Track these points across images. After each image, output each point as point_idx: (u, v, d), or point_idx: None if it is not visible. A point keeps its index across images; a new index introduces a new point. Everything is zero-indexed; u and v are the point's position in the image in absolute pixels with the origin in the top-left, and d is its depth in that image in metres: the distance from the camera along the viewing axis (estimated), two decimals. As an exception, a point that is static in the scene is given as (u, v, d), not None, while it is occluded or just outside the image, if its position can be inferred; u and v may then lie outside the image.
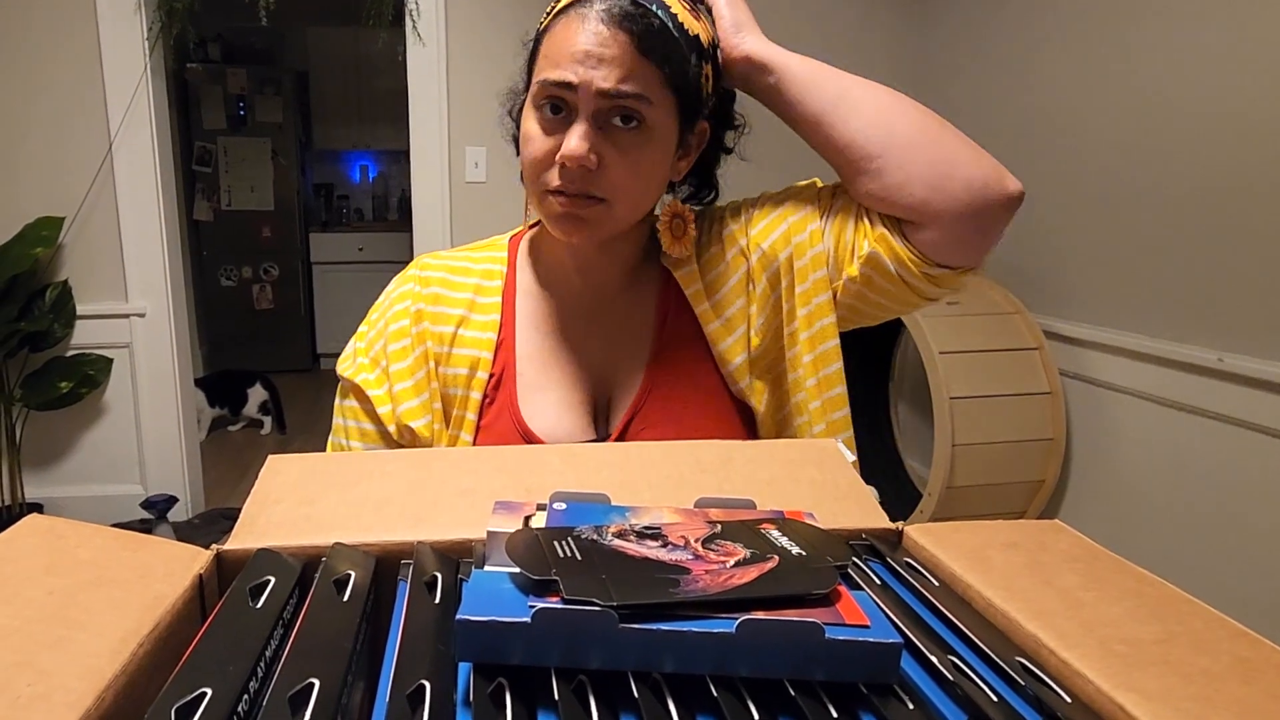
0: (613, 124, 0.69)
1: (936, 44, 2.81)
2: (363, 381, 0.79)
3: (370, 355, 0.80)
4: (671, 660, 0.31)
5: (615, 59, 0.67)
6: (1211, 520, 1.81)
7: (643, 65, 0.67)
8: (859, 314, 0.79)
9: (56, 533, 0.38)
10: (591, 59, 0.66)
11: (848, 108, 0.73)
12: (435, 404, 0.78)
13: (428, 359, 0.79)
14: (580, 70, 0.67)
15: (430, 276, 0.82)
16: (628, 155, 0.69)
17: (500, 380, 0.78)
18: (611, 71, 0.66)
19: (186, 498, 2.84)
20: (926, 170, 0.70)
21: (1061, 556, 0.41)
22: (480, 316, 0.80)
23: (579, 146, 0.67)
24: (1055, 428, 2.19)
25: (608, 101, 0.67)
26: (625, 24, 0.66)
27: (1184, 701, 0.29)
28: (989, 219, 0.70)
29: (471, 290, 0.81)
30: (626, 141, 0.69)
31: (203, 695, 0.27)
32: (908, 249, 0.72)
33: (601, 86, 0.66)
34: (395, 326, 0.80)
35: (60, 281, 2.61)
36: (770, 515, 0.43)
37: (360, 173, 5.53)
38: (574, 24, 0.68)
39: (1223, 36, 1.75)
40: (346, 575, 0.37)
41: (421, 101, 2.67)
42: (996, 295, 2.35)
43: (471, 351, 0.78)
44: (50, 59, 2.51)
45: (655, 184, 0.74)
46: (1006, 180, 0.70)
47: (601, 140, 0.69)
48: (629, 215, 0.74)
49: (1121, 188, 2.03)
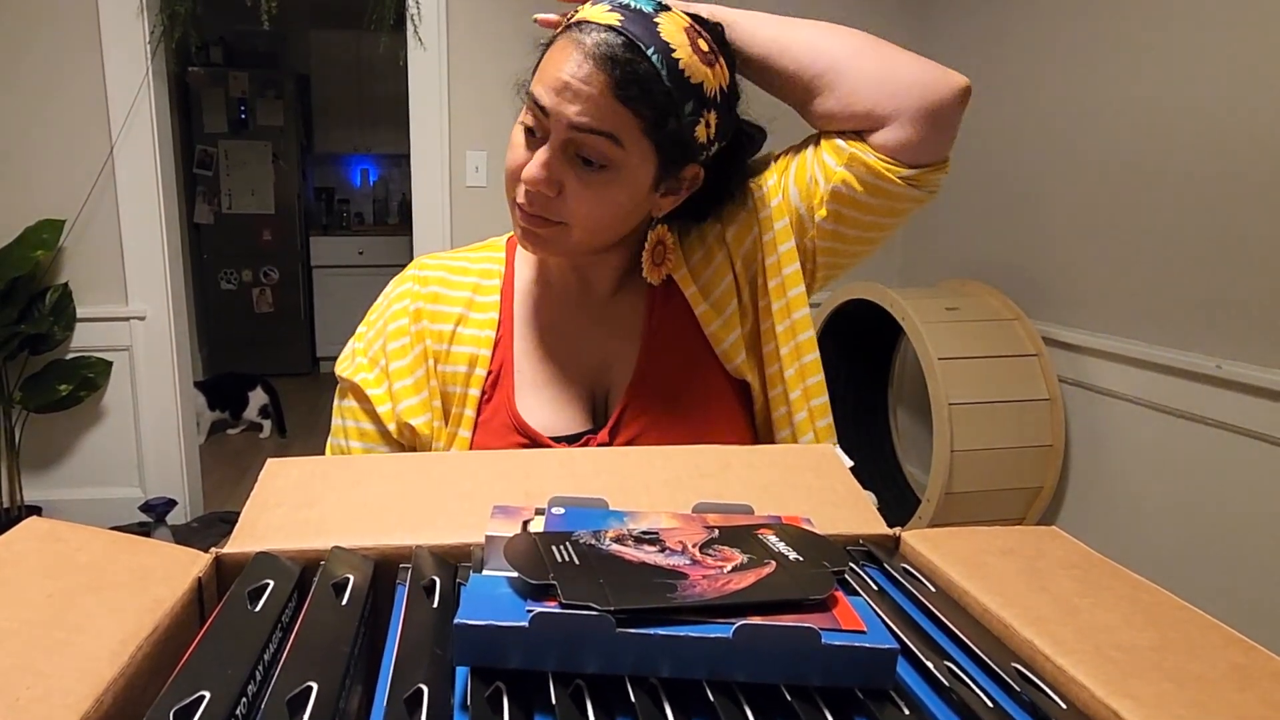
0: (579, 157, 0.69)
1: (937, 49, 2.81)
2: (362, 381, 0.79)
3: (369, 355, 0.81)
4: (668, 665, 0.31)
5: (589, 97, 0.66)
6: (1209, 526, 1.81)
7: (616, 109, 0.66)
8: (843, 253, 0.80)
9: (56, 536, 0.38)
10: (568, 91, 0.66)
11: (787, 39, 0.76)
12: (435, 401, 0.79)
13: (427, 357, 0.79)
14: (555, 99, 0.67)
15: (429, 276, 0.83)
16: (589, 189, 0.69)
17: (498, 377, 0.79)
18: (584, 108, 0.66)
19: (185, 501, 2.84)
20: (872, 77, 0.74)
21: (1057, 563, 0.41)
22: (478, 315, 0.81)
23: (538, 174, 0.68)
24: (1054, 434, 2.19)
25: (576, 135, 0.67)
26: (607, 65, 0.65)
27: (1178, 708, 0.29)
28: (942, 112, 0.73)
29: (470, 289, 0.82)
30: (590, 178, 0.69)
31: (201, 698, 0.27)
32: (879, 158, 0.74)
33: (571, 120, 0.66)
34: (394, 325, 0.80)
35: (61, 284, 2.61)
36: (768, 520, 0.43)
37: (361, 176, 5.54)
38: (567, 49, 0.67)
39: (1223, 43, 1.76)
40: (345, 579, 0.37)
41: (422, 106, 2.68)
42: (996, 302, 2.35)
43: (470, 349, 0.79)
44: (52, 62, 2.52)
45: (620, 219, 0.74)
46: (950, 75, 0.74)
47: (565, 169, 0.69)
48: (589, 241, 0.74)
49: (1121, 195, 2.04)
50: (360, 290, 4.85)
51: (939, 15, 2.79)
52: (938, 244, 2.84)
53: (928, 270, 2.90)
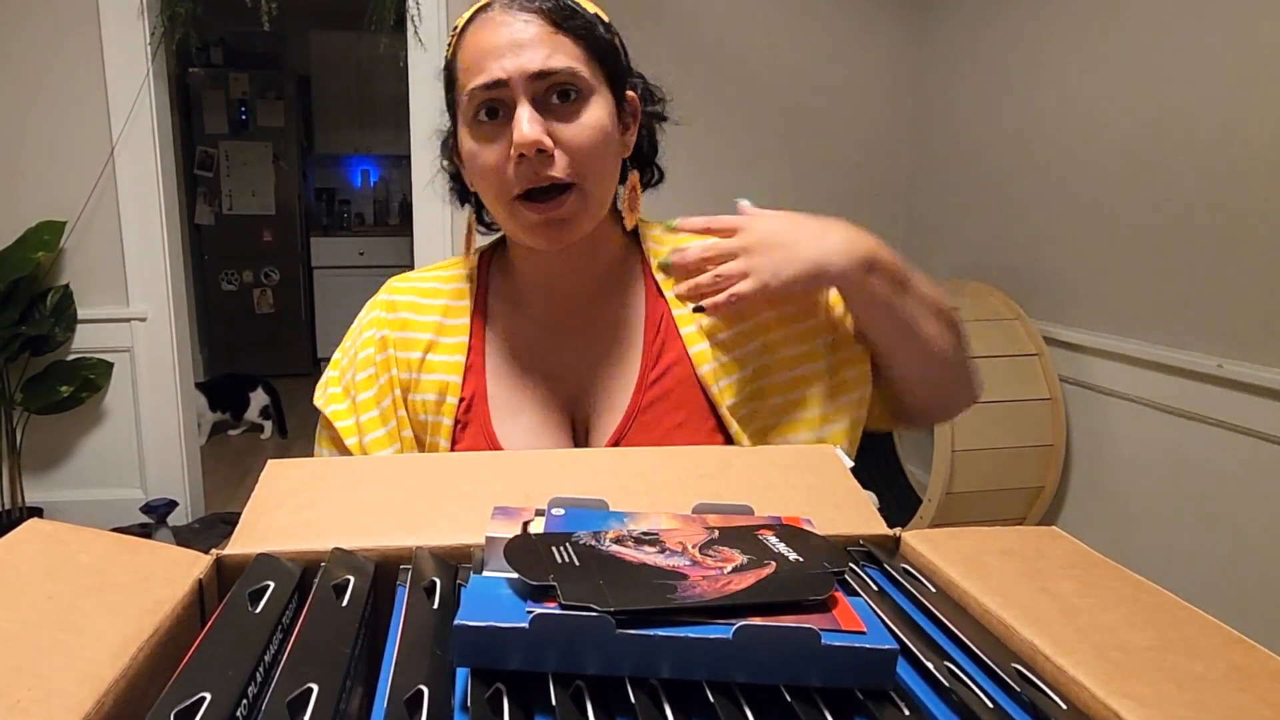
0: (552, 103, 0.68)
1: (937, 47, 2.81)
2: (332, 413, 0.78)
3: (342, 384, 0.79)
4: (668, 666, 0.31)
5: (534, 39, 0.67)
6: (1210, 526, 1.81)
7: (561, 40, 0.68)
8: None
9: (57, 538, 0.38)
10: (513, 47, 0.67)
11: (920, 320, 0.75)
12: (404, 431, 0.77)
13: (394, 387, 0.77)
14: (504, 63, 0.66)
15: (397, 301, 0.80)
16: (576, 122, 0.68)
17: (471, 404, 0.76)
18: (536, 53, 0.66)
19: (186, 502, 2.84)
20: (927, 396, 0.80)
21: (1058, 563, 0.41)
22: (448, 339, 0.78)
23: (531, 130, 0.65)
24: (1055, 433, 2.19)
25: (542, 83, 0.67)
26: (531, 5, 0.68)
27: (1178, 708, 0.29)
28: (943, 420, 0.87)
29: (439, 313, 0.79)
30: (571, 113, 0.68)
31: (202, 700, 0.27)
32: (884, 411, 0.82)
33: (530, 69, 0.66)
34: (363, 355, 0.79)
35: (61, 285, 2.61)
36: (768, 521, 0.43)
37: (361, 177, 5.54)
38: (482, 29, 0.68)
39: (1223, 42, 1.76)
40: (345, 580, 0.37)
41: (422, 106, 2.68)
42: (997, 301, 2.35)
43: (440, 376, 0.76)
44: (53, 63, 2.52)
45: (612, 154, 0.72)
46: (974, 399, 0.83)
47: (549, 121, 0.68)
48: (601, 193, 0.72)
49: (1121, 194, 2.04)
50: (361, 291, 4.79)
51: (939, 15, 2.79)
52: (938, 244, 2.84)
53: (928, 270, 2.88)
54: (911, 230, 2.99)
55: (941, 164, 2.81)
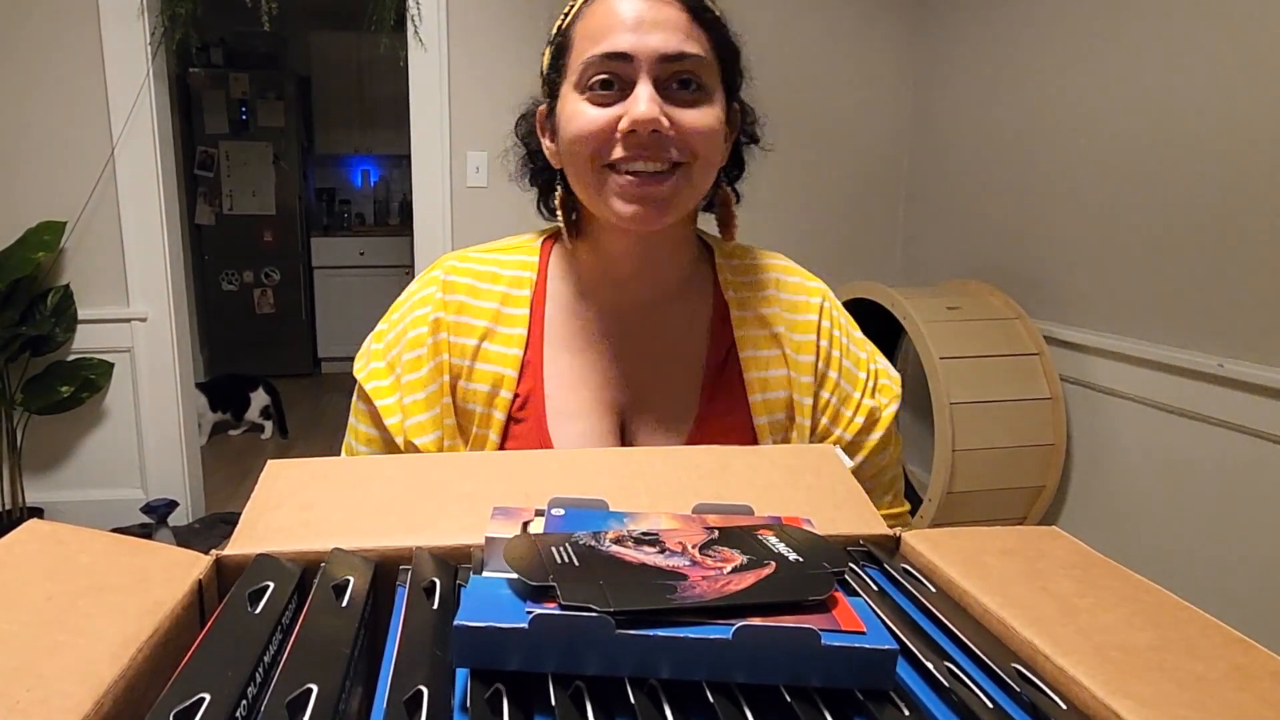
0: (671, 89, 0.66)
1: (937, 46, 2.81)
2: (373, 390, 0.75)
3: (386, 359, 0.76)
4: (668, 666, 0.31)
5: (670, 22, 0.66)
6: (1211, 525, 1.81)
7: (696, 30, 0.67)
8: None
9: (57, 538, 0.38)
10: (645, 25, 0.65)
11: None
12: (448, 419, 0.74)
13: (443, 372, 0.74)
14: (633, 38, 0.65)
15: (455, 283, 0.76)
16: (696, 110, 0.67)
17: (527, 402, 0.73)
18: (670, 36, 0.65)
19: (187, 502, 2.84)
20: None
21: (1058, 563, 0.41)
22: (506, 329, 0.75)
23: (650, 109, 0.63)
24: (1056, 433, 2.19)
25: (668, 67, 0.65)
26: None
27: (1179, 708, 0.29)
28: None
29: (498, 300, 0.76)
30: (690, 101, 0.67)
31: (201, 700, 0.27)
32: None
33: (663, 50, 0.65)
34: (413, 334, 0.75)
35: (62, 286, 2.62)
36: (768, 521, 0.43)
37: (361, 177, 5.54)
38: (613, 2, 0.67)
39: (1223, 41, 1.75)
40: (345, 581, 0.37)
41: (423, 106, 2.68)
42: (997, 301, 2.35)
43: (495, 368, 0.73)
44: (53, 63, 2.52)
45: (720, 152, 0.72)
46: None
47: (666, 105, 0.66)
48: (702, 183, 0.71)
49: (1122, 193, 2.04)
50: (361, 291, 4.86)
51: (940, 14, 2.78)
52: (939, 244, 2.84)
53: (929, 270, 2.90)
54: (911, 230, 2.99)
55: (941, 164, 2.81)
